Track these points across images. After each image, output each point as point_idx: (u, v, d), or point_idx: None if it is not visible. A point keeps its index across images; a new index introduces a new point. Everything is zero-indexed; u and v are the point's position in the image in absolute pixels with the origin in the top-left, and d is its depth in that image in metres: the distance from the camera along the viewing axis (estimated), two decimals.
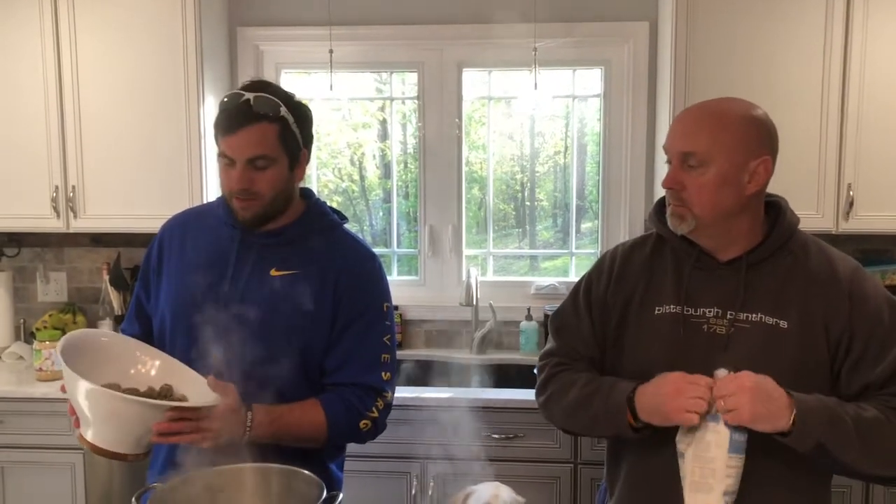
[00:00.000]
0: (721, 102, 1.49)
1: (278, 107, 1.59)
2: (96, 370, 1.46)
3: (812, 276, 1.48)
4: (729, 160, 1.43)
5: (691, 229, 1.47)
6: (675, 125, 1.50)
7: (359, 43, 3.20)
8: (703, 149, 1.43)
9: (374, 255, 1.75)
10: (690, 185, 1.45)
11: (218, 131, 1.59)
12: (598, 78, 3.25)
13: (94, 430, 1.42)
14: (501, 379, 3.05)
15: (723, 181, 1.43)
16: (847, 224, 2.76)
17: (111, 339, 1.66)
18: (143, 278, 1.79)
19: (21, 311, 3.33)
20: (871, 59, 2.70)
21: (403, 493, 2.68)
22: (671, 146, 1.48)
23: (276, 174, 1.61)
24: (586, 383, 1.54)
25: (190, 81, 2.89)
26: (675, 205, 1.48)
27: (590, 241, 3.39)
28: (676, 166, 1.47)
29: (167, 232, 1.78)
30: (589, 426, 1.56)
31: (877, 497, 2.58)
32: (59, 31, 2.91)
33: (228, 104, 1.58)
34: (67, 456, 2.77)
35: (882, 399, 1.43)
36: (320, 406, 1.63)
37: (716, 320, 1.48)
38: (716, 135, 1.43)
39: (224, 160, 1.59)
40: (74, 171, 2.96)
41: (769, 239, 1.49)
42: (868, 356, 1.44)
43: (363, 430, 1.66)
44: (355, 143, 3.48)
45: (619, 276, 1.59)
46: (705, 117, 1.46)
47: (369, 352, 1.67)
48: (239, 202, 1.60)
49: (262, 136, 1.57)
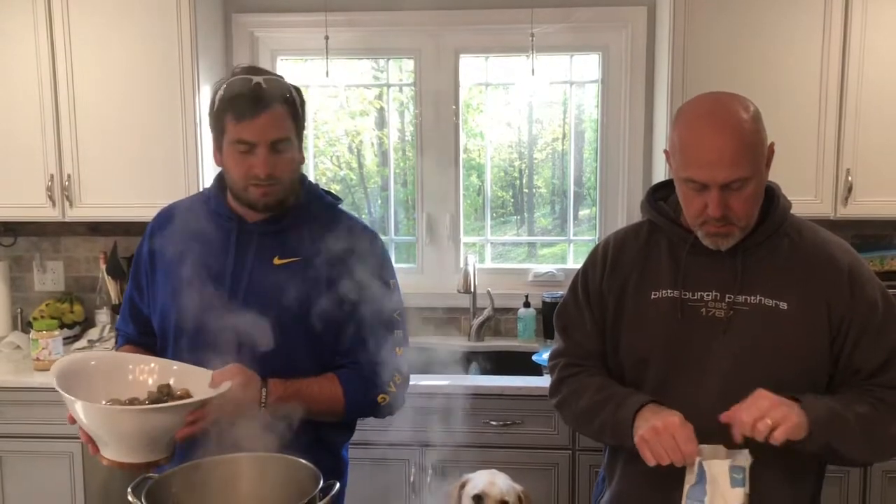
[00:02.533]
0: (727, 114, 1.41)
1: (288, 89, 1.59)
2: (94, 391, 1.45)
3: (810, 258, 1.49)
4: (760, 165, 1.44)
5: (736, 241, 1.47)
6: (701, 153, 1.40)
7: (355, 29, 3.17)
8: (743, 173, 1.39)
9: (375, 234, 1.74)
10: (736, 205, 1.42)
11: (231, 117, 1.55)
12: (596, 64, 3.23)
13: (111, 448, 1.43)
14: (499, 366, 3.05)
15: (760, 187, 1.45)
16: (845, 209, 2.76)
17: (99, 359, 1.60)
18: (134, 278, 1.75)
19: (18, 301, 3.33)
20: (870, 44, 2.68)
21: (402, 480, 2.69)
22: (708, 177, 1.40)
23: (293, 157, 1.61)
24: (598, 390, 1.54)
25: (185, 69, 2.87)
26: (718, 227, 1.44)
27: (588, 228, 3.38)
28: (718, 194, 1.40)
29: (156, 229, 1.73)
30: (597, 433, 1.57)
31: (874, 482, 2.59)
32: (53, 18, 2.88)
33: (240, 88, 1.54)
34: (66, 445, 2.77)
35: (869, 389, 1.46)
36: (337, 380, 1.63)
37: (714, 304, 1.49)
38: (751, 153, 1.41)
39: (242, 146, 1.55)
40: (69, 160, 2.94)
41: (765, 223, 1.50)
42: (862, 343, 1.46)
43: (381, 404, 1.67)
44: (353, 131, 3.46)
45: (613, 264, 1.59)
46: (731, 138, 1.39)
47: (380, 330, 1.66)
48: (258, 189, 1.58)
49: (281, 119, 1.56)
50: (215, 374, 1.50)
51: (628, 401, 1.47)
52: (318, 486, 1.33)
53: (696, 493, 1.36)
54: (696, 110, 1.46)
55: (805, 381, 1.46)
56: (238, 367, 1.51)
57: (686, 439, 1.36)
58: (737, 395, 1.41)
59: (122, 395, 1.47)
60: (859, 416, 1.41)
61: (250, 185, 1.58)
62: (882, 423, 1.44)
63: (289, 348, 1.59)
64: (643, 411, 1.44)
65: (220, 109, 1.57)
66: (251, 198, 1.60)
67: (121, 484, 2.72)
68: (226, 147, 1.59)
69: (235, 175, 1.60)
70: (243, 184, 1.59)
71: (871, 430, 1.42)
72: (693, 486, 1.36)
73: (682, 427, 1.37)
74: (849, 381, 1.48)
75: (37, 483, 2.80)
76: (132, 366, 1.56)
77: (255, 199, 1.60)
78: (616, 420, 1.48)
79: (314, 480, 1.34)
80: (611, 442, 1.57)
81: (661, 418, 1.39)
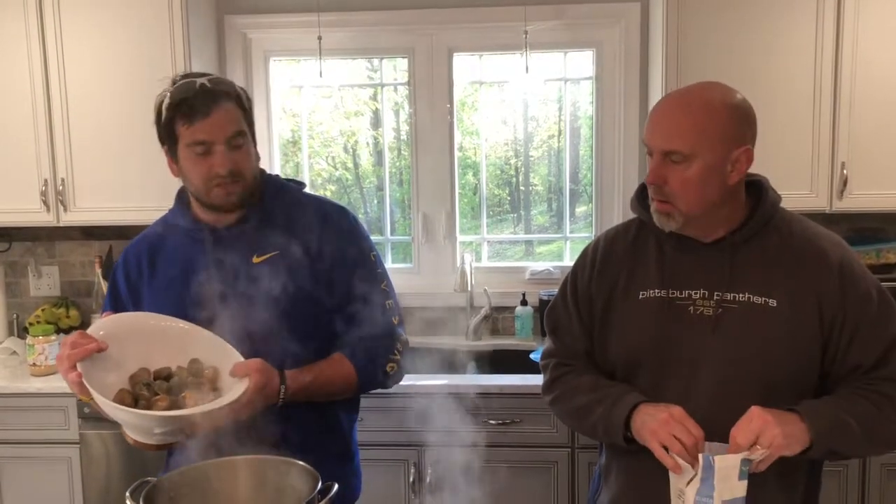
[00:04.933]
0: (702, 92, 1.44)
1: (232, 85, 1.60)
2: (130, 352, 1.46)
3: (799, 254, 1.47)
4: (712, 153, 1.40)
5: (680, 225, 1.46)
6: (656, 118, 1.45)
7: (348, 29, 3.17)
8: (686, 146, 1.39)
9: (345, 209, 1.75)
10: (673, 180, 1.42)
11: (183, 121, 1.55)
12: (590, 60, 3.23)
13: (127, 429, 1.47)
14: (497, 365, 3.05)
15: (707, 174, 1.41)
16: (841, 203, 2.75)
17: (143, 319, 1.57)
18: (113, 307, 1.69)
19: (13, 307, 3.32)
20: (864, 37, 2.68)
21: (401, 480, 2.68)
22: (652, 141, 1.44)
23: (249, 151, 1.61)
24: (591, 389, 1.54)
25: (178, 71, 2.83)
26: (658, 201, 1.46)
27: (584, 225, 3.38)
28: (658, 161, 1.43)
29: (132, 258, 1.71)
30: (590, 431, 1.57)
31: (873, 476, 2.59)
32: (45, 22, 2.87)
33: (186, 92, 1.55)
34: (63, 450, 2.76)
35: (868, 383, 1.44)
36: (346, 360, 1.64)
37: (702, 302, 1.48)
38: (699, 129, 1.39)
39: (199, 148, 1.55)
40: (63, 165, 2.93)
41: (752, 219, 1.48)
42: (859, 337, 1.44)
43: (390, 374, 1.69)
44: (348, 131, 3.45)
45: (602, 265, 1.59)
46: (687, 111, 1.41)
47: (373, 303, 1.67)
48: (222, 188, 1.57)
49: (233, 114, 1.57)
50: (238, 366, 1.48)
51: (622, 400, 1.47)
52: (316, 487, 1.32)
53: (705, 490, 1.35)
54: (682, 87, 1.50)
55: (796, 378, 1.46)
56: (259, 364, 1.49)
57: (695, 425, 1.36)
58: (729, 393, 1.42)
59: (156, 360, 1.48)
60: (860, 417, 1.39)
61: (213, 186, 1.57)
62: (884, 419, 1.42)
63: (287, 340, 1.58)
64: (639, 410, 1.44)
65: (169, 117, 1.57)
66: (215, 199, 1.59)
67: (119, 488, 2.73)
68: (182, 153, 1.58)
69: (196, 179, 1.58)
70: (206, 186, 1.58)
71: (873, 428, 1.41)
72: (701, 484, 1.35)
73: (688, 415, 1.38)
74: (849, 377, 1.46)
75: (35, 489, 2.79)
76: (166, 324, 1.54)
77: (219, 201, 1.59)
78: (610, 418, 1.47)
79: (313, 481, 1.34)
80: (604, 439, 1.57)
81: (666, 409, 1.39)
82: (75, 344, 1.41)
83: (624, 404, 1.46)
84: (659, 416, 1.39)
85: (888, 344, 1.45)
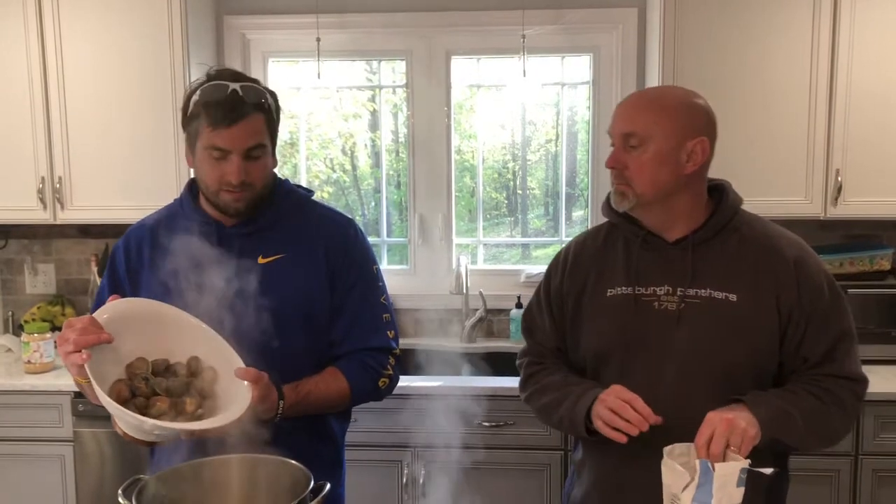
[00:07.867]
0: (662, 88, 1.59)
1: (264, 95, 1.59)
2: (130, 339, 1.44)
3: (758, 252, 1.54)
4: (666, 139, 1.49)
5: (633, 206, 1.54)
6: (618, 109, 1.57)
7: (346, 31, 3.18)
8: (641, 128, 1.49)
9: (352, 221, 1.76)
10: (631, 164, 1.51)
11: (206, 123, 1.54)
12: (587, 65, 3.24)
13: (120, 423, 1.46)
14: (492, 367, 3.05)
15: (661, 159, 1.50)
16: (835, 210, 2.77)
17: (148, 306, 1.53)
18: (111, 286, 1.68)
19: (9, 304, 3.32)
20: (860, 45, 2.70)
21: (395, 481, 2.69)
22: (613, 128, 1.55)
23: (267, 163, 1.62)
24: (558, 387, 1.62)
25: (176, 71, 2.87)
26: (617, 183, 1.55)
27: (581, 229, 3.38)
28: (619, 147, 1.54)
29: (133, 243, 1.70)
30: (558, 425, 1.67)
31: (864, 480, 2.59)
32: (44, 21, 2.88)
33: (216, 95, 1.54)
34: (57, 448, 2.76)
35: (814, 378, 1.50)
36: (341, 374, 1.66)
37: (667, 297, 1.55)
38: (654, 115, 1.50)
39: (215, 153, 1.55)
40: (61, 163, 2.93)
41: (712, 218, 1.56)
42: (809, 332, 1.51)
43: (382, 388, 1.72)
44: (346, 133, 3.46)
45: (573, 267, 1.67)
46: (645, 100, 1.56)
47: (371, 315, 1.70)
48: (230, 194, 1.58)
49: (257, 127, 1.56)
50: (240, 370, 1.46)
51: (586, 395, 1.54)
52: (309, 486, 1.33)
53: (702, 496, 1.36)
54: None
55: (755, 370, 1.52)
56: (258, 376, 1.47)
57: (635, 399, 1.44)
58: (692, 383, 1.49)
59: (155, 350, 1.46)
60: (804, 411, 1.46)
61: (223, 190, 1.58)
62: (826, 415, 1.49)
63: (287, 343, 1.59)
64: (597, 401, 1.50)
65: (195, 114, 1.56)
66: (223, 203, 1.60)
67: (112, 486, 2.73)
68: (199, 151, 1.58)
69: (208, 179, 1.59)
70: (215, 189, 1.59)
71: (815, 423, 1.48)
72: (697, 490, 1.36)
73: (628, 391, 1.45)
74: (798, 370, 1.53)
75: (28, 486, 2.79)
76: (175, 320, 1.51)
77: (226, 205, 1.60)
78: (573, 411, 1.54)
79: (305, 481, 1.34)
80: (571, 432, 1.66)
81: (613, 393, 1.47)
82: (86, 330, 1.37)
83: (587, 398, 1.53)
84: (610, 403, 1.46)
85: (834, 340, 1.51)
